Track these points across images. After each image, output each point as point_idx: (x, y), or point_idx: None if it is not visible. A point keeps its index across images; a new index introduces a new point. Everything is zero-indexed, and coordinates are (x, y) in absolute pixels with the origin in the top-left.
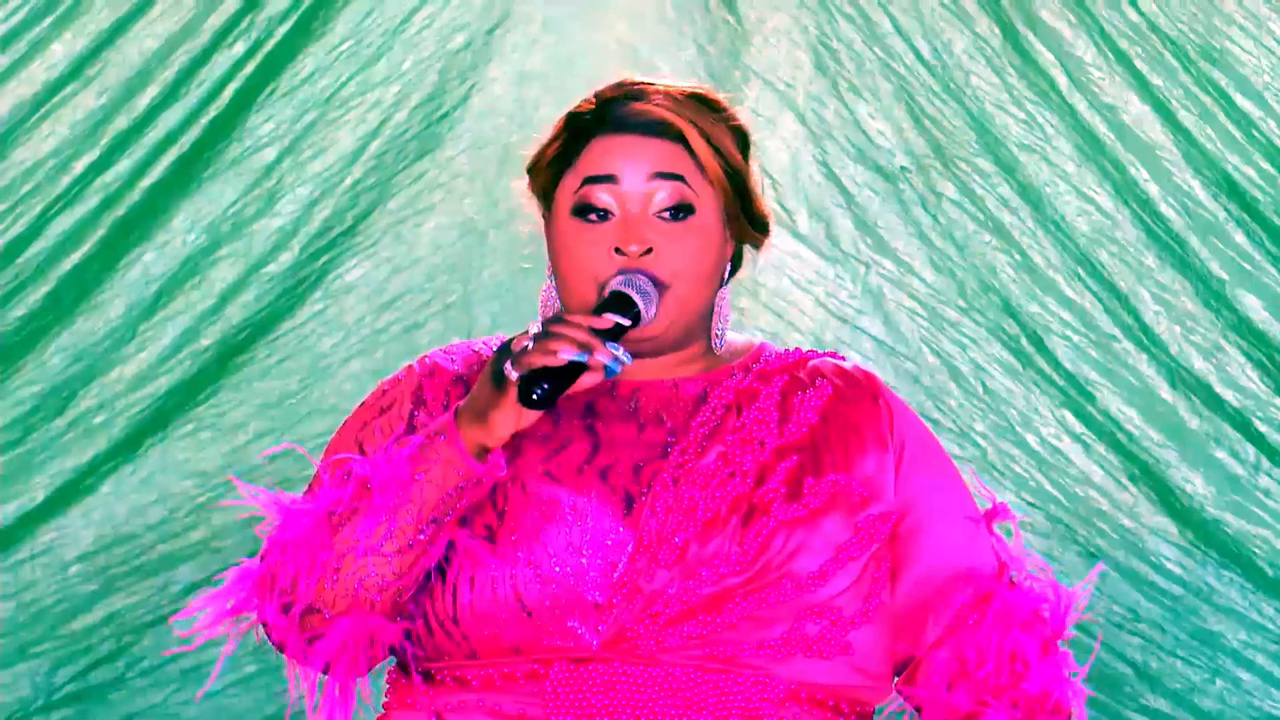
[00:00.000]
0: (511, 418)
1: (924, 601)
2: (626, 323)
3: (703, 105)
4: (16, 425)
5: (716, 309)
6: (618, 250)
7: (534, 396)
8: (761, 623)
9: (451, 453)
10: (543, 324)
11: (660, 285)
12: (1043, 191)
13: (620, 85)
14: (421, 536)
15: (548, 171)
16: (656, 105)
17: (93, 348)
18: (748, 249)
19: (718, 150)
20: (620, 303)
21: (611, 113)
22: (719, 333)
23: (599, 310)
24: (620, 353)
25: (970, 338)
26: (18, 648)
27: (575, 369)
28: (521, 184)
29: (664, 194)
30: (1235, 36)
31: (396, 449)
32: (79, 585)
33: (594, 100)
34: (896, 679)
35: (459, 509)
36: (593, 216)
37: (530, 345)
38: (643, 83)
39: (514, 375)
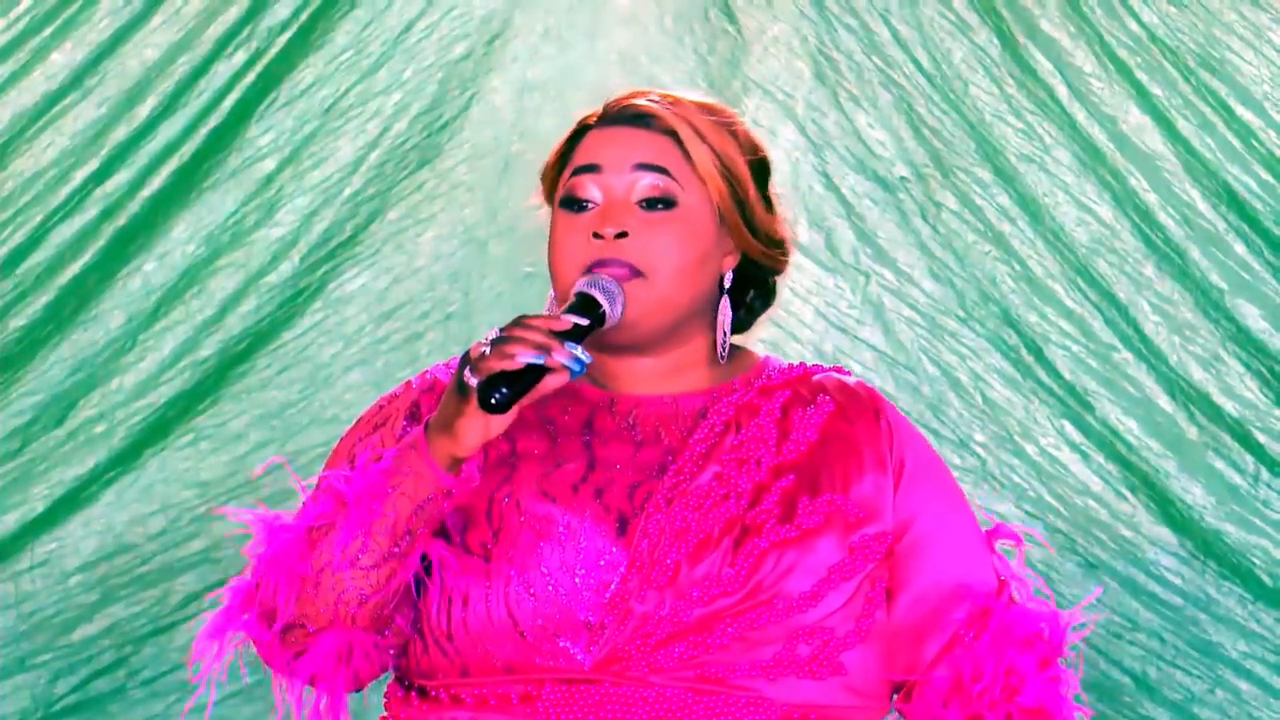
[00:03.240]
0: (477, 426)
1: (923, 619)
2: (585, 323)
3: (705, 110)
4: (16, 435)
5: (718, 319)
6: (595, 235)
7: (492, 401)
8: (753, 644)
9: (422, 465)
10: (500, 329)
11: (634, 272)
12: (1042, 201)
13: (626, 93)
14: (396, 549)
15: (551, 173)
16: (651, 102)
17: (93, 358)
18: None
19: (714, 150)
20: (585, 304)
21: (609, 110)
22: (721, 343)
23: (562, 312)
24: (580, 352)
25: (970, 348)
26: (17, 658)
27: (534, 371)
28: (533, 194)
29: (645, 184)
30: (1235, 46)
31: (371, 463)
32: (79, 595)
33: (602, 106)
34: (895, 697)
35: (432, 520)
36: (576, 206)
37: (488, 350)
38: (652, 89)
39: (473, 381)
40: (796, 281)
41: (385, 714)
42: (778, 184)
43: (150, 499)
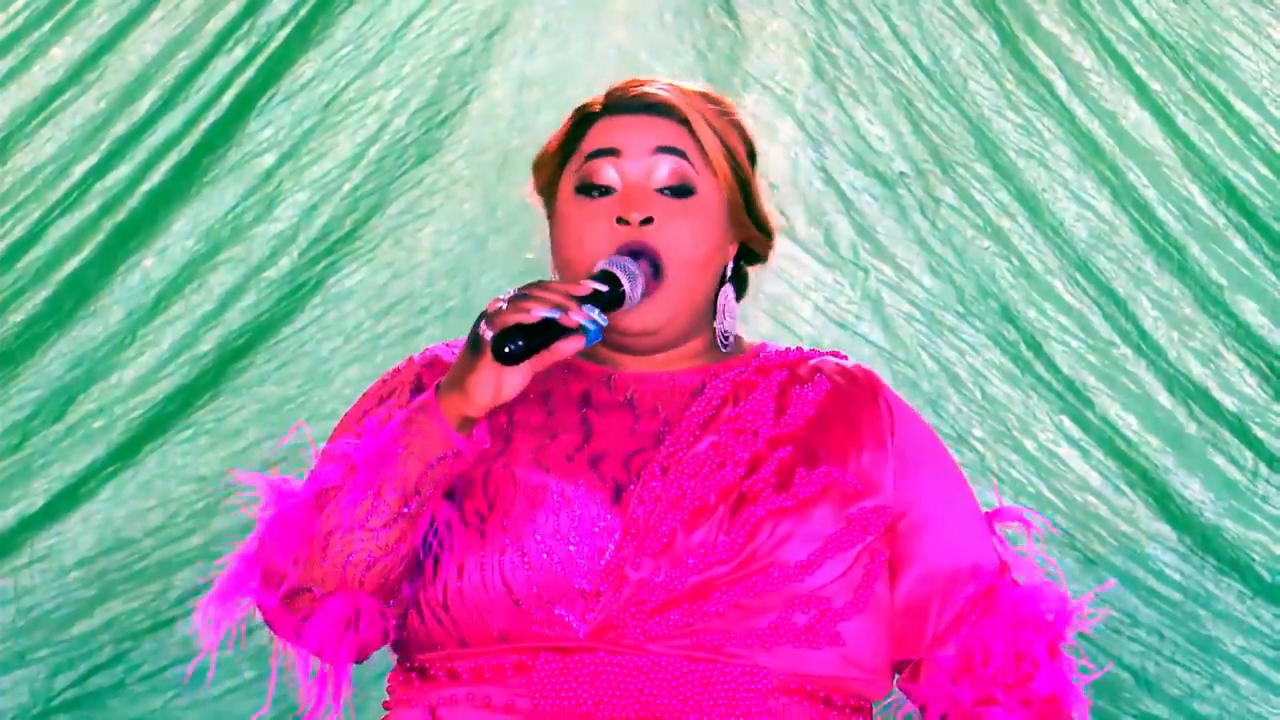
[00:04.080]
0: (489, 381)
1: (926, 598)
2: (604, 289)
3: (709, 101)
4: (16, 430)
5: (721, 307)
6: (619, 220)
7: (506, 351)
8: (749, 611)
9: (432, 424)
10: (519, 288)
11: (657, 265)
12: (1041, 197)
13: (628, 81)
14: (406, 510)
15: (552, 162)
16: (661, 90)
17: (92, 353)
18: (755, 269)
19: (722, 141)
20: (606, 279)
21: (617, 98)
22: (725, 329)
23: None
24: (596, 314)
25: (969, 343)
26: (17, 653)
27: (550, 328)
28: (526, 185)
29: (666, 169)
30: (1234, 42)
31: (380, 425)
32: (78, 591)
33: (603, 95)
34: (898, 677)
35: (442, 481)
36: (595, 192)
37: (505, 305)
38: (652, 78)
39: (488, 335)
40: (795, 277)
41: (388, 699)
42: (774, 178)
43: (149, 494)
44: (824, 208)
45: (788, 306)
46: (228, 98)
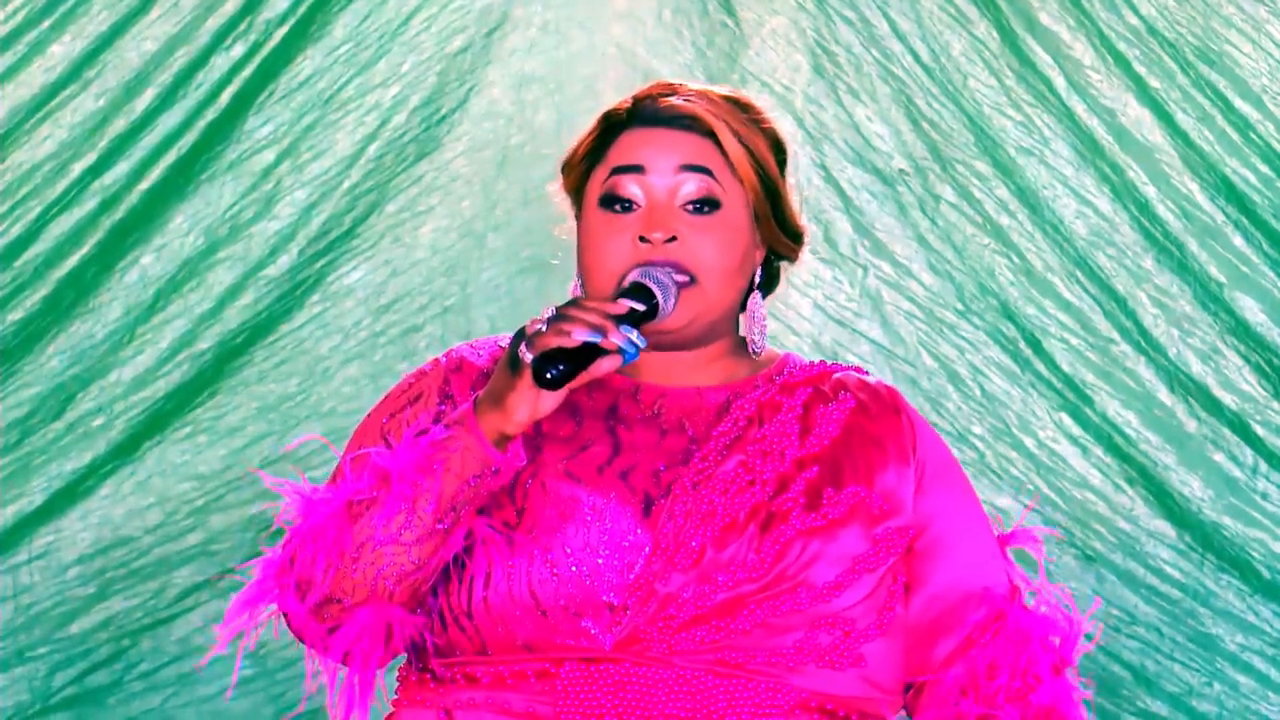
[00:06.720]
0: (528, 401)
1: (937, 618)
2: (641, 308)
3: (738, 107)
4: (15, 428)
5: (751, 314)
6: (642, 238)
7: (548, 376)
8: (775, 630)
9: (470, 440)
10: (557, 308)
11: (684, 275)
12: (1041, 194)
13: (657, 85)
14: (440, 526)
15: (579, 167)
16: (688, 101)
17: (91, 351)
18: (784, 265)
19: (749, 150)
20: (638, 293)
21: (644, 108)
22: (756, 338)
23: (616, 298)
24: (635, 336)
25: (968, 340)
26: (15, 651)
27: (590, 351)
28: (555, 184)
29: (691, 186)
30: (1234, 39)
31: (417, 438)
32: (76, 588)
33: (630, 100)
34: (906, 694)
35: (478, 498)
36: (618, 206)
37: (544, 327)
38: (679, 84)
39: (528, 357)
40: (795, 274)
41: (396, 697)
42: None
43: (148, 492)
44: (823, 205)
45: (787, 304)
46: (226, 95)
